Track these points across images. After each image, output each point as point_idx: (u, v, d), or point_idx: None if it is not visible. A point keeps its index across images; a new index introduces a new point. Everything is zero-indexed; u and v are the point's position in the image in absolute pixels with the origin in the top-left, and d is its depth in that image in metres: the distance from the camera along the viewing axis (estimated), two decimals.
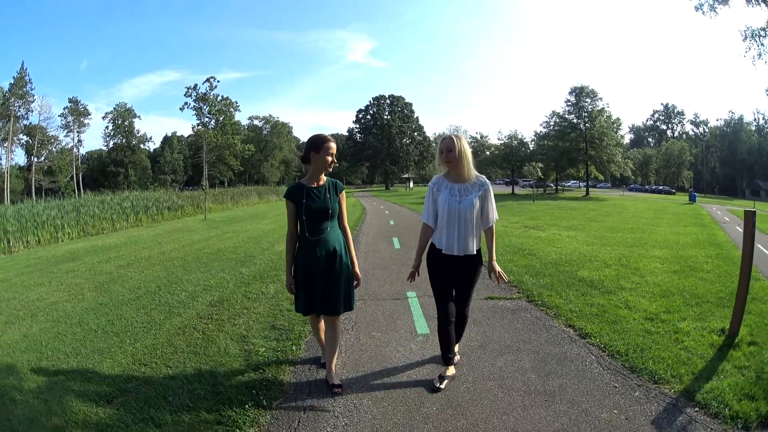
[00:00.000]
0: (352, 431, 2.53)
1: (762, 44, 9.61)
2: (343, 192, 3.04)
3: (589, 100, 44.18)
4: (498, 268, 3.00)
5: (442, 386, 2.98)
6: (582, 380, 2.99)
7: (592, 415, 2.55)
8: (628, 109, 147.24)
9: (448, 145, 2.98)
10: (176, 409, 2.75)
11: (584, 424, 2.47)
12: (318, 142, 2.89)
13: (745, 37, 9.64)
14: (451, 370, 3.12)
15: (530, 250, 8.53)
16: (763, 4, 8.78)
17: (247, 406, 2.72)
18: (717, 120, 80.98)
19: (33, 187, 48.30)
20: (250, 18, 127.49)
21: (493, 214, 3.06)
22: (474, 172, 3.04)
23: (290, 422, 2.62)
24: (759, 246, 11.99)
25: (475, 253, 3.03)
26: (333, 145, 2.91)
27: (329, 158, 2.88)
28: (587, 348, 3.57)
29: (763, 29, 9.31)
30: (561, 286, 5.61)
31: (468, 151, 3.01)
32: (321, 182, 2.94)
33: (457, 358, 3.28)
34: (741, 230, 15.74)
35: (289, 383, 3.10)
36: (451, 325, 3.06)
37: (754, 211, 4.27)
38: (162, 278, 6.76)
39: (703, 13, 9.28)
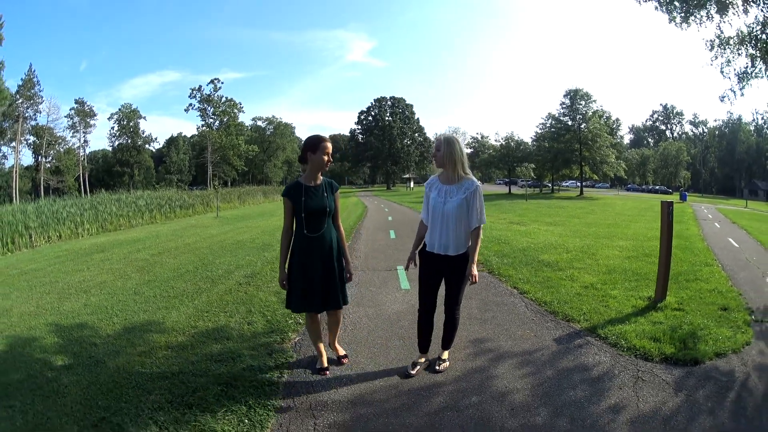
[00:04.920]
0: (359, 332, 4.05)
1: (732, 51, 10.31)
2: (338, 191, 3.17)
3: (583, 102, 45.55)
4: (474, 272, 3.02)
5: (414, 372, 3.13)
6: (509, 314, 4.38)
7: (510, 331, 3.95)
8: (628, 110, 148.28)
9: (436, 145, 3.12)
10: (239, 333, 4.06)
11: (503, 334, 3.88)
12: (314, 143, 3.00)
13: (712, 47, 10.21)
14: (423, 358, 3.29)
15: (505, 239, 9.86)
16: (717, 15, 9.54)
17: (290, 321, 4.15)
18: (715, 120, 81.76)
19: (41, 187, 49.51)
20: (249, 18, 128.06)
21: (479, 216, 3.02)
22: (463, 174, 3.04)
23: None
24: (730, 240, 13.04)
25: (455, 255, 3.03)
26: (329, 145, 3.03)
27: (326, 157, 3.00)
28: (521, 299, 4.95)
29: (732, 37, 10.01)
30: (520, 264, 6.95)
31: (457, 154, 3.01)
32: (318, 181, 3.07)
33: (445, 364, 3.25)
34: (718, 226, 16.93)
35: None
36: (429, 316, 3.21)
37: (671, 202, 5.25)
38: (196, 262, 7.91)
39: (676, 24, 10.12)
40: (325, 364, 3.22)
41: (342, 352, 3.30)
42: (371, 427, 2.60)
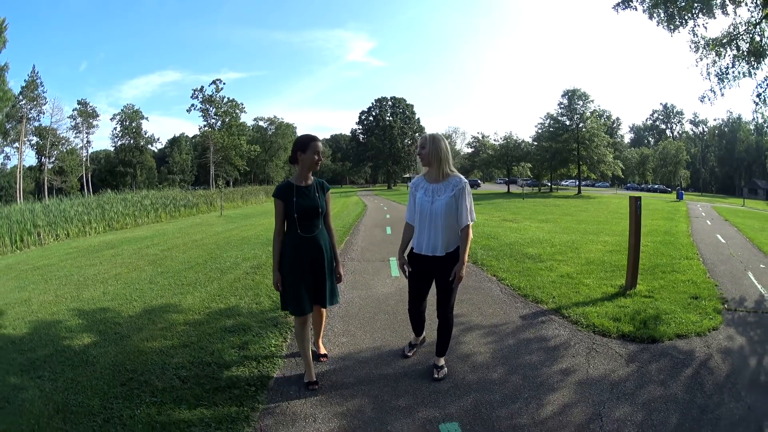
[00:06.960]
0: (351, 308, 4.55)
1: (717, 53, 10.46)
2: (329, 192, 3.15)
3: (581, 102, 46.02)
4: (462, 274, 2.95)
5: (410, 354, 3.39)
6: (484, 296, 4.99)
7: (482, 309, 4.56)
8: (629, 109, 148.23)
9: (421, 143, 3.04)
10: (249, 311, 4.64)
11: (476, 312, 4.48)
12: (304, 142, 2.99)
13: (697, 48, 10.20)
14: (418, 339, 3.52)
15: (495, 235, 10.38)
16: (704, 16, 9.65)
17: None
18: (715, 119, 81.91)
19: (45, 187, 50.15)
20: (249, 18, 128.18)
21: (468, 215, 2.94)
22: (448, 172, 3.01)
23: None
24: (718, 236, 13.28)
25: (444, 255, 2.96)
26: (319, 144, 3.00)
27: (315, 157, 2.98)
28: (497, 284, 5.53)
29: (716, 38, 10.10)
30: (504, 256, 7.48)
31: (443, 151, 2.96)
32: (309, 181, 3.05)
33: (444, 371, 3.13)
34: (709, 223, 17.37)
35: None
36: (418, 314, 3.30)
37: (639, 197, 5.54)
38: (204, 256, 8.43)
39: (664, 27, 10.35)
40: (314, 378, 3.05)
41: (323, 351, 3.32)
42: (357, 375, 3.20)
